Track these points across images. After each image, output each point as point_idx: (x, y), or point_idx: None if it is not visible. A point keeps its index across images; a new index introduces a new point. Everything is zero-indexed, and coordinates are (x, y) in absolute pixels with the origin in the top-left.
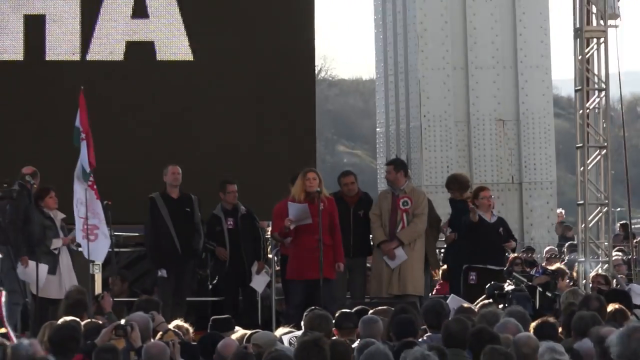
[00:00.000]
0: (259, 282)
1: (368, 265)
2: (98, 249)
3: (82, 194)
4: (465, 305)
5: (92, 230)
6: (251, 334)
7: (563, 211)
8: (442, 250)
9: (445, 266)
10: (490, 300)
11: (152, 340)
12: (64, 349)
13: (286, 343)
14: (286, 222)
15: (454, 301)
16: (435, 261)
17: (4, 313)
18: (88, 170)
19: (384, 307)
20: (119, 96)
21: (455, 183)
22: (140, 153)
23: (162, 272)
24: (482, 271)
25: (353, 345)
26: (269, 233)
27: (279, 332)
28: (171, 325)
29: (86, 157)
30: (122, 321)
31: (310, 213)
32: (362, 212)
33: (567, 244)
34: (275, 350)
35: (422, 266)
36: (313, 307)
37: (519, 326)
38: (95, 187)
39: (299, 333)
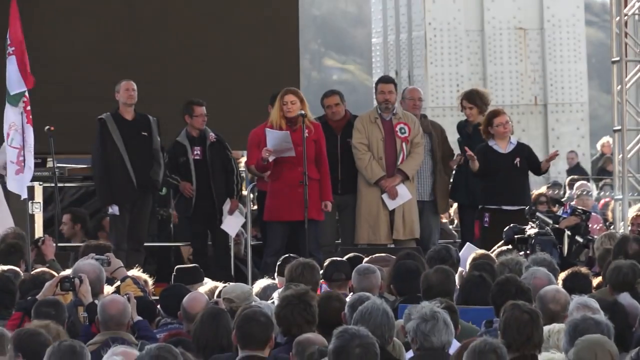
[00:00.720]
0: (231, 224)
1: None
2: (23, 182)
3: (16, 118)
4: (479, 252)
5: (21, 162)
6: (222, 287)
7: (610, 140)
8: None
9: (455, 205)
10: (509, 247)
11: (104, 293)
12: None
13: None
14: (264, 153)
15: (469, 250)
16: (446, 205)
17: None
18: (23, 89)
19: (382, 254)
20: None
21: (478, 98)
22: (89, 68)
23: (113, 209)
24: (495, 212)
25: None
26: (243, 165)
27: (258, 284)
28: None
29: (17, 74)
30: (69, 272)
31: (293, 142)
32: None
33: (566, 181)
34: (250, 307)
35: None
36: (287, 255)
37: (551, 277)
38: (29, 108)
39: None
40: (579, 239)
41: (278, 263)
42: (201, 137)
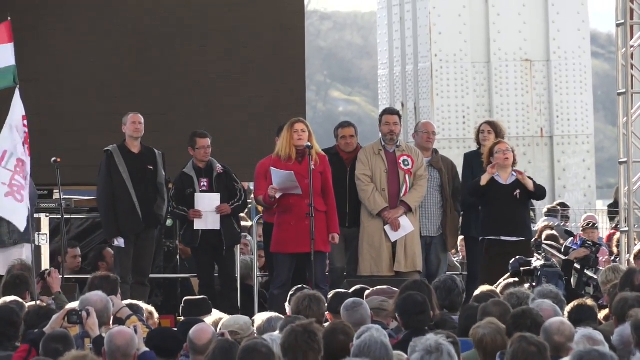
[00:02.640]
0: (201, 220)
1: None
2: (16, 212)
3: (10, 146)
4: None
5: (20, 190)
6: (224, 320)
7: None
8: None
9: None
10: (516, 279)
11: (111, 325)
12: (1, 336)
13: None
14: (270, 191)
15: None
16: (455, 242)
17: None
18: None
19: (384, 287)
20: (67, 25)
21: (499, 127)
22: (96, 100)
23: (119, 242)
24: (494, 243)
25: None
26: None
27: (260, 316)
28: None
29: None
30: (76, 304)
31: (299, 175)
32: None
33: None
34: (252, 340)
35: None
36: (300, 286)
37: (557, 309)
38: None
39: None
40: (588, 272)
41: (290, 293)
42: (208, 169)
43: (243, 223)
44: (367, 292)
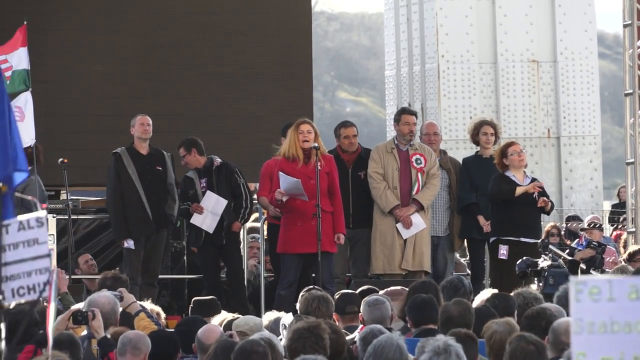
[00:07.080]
0: (198, 219)
1: None
2: None
3: None
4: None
5: None
6: (232, 320)
7: None
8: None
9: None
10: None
11: (117, 326)
12: (28, 337)
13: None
14: (277, 195)
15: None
16: (462, 242)
17: None
18: None
19: (397, 287)
20: (75, 27)
21: (497, 128)
22: (103, 101)
23: (129, 243)
24: (514, 245)
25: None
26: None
27: (267, 316)
28: None
29: None
30: (82, 305)
31: (306, 176)
32: (363, 172)
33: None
34: (248, 340)
35: None
36: (312, 287)
37: (562, 311)
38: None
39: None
40: (594, 272)
41: (302, 294)
42: (207, 168)
43: (251, 224)
44: (381, 292)
